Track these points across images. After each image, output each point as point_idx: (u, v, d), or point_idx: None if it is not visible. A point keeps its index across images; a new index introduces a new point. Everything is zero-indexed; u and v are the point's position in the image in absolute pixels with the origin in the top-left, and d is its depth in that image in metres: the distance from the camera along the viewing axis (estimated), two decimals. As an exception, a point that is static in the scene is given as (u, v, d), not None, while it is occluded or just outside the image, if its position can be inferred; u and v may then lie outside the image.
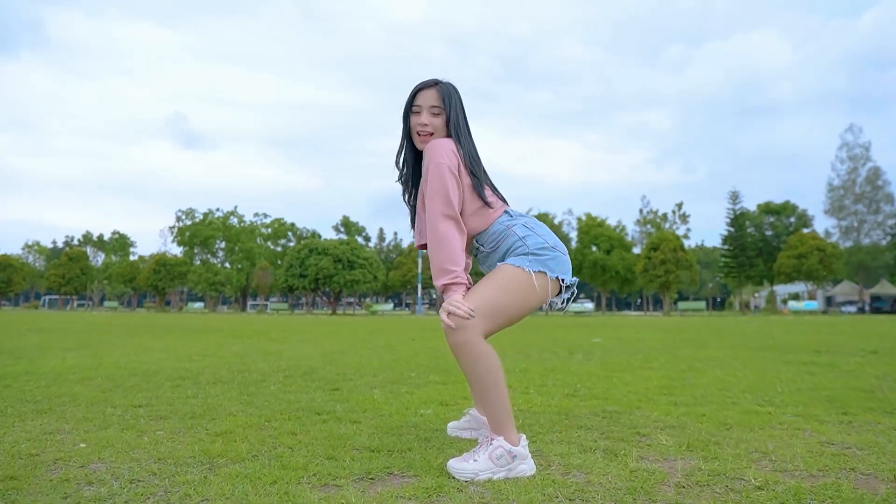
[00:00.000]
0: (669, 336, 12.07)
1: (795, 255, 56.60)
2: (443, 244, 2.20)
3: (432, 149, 2.29)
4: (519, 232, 2.32)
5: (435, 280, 2.21)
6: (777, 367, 5.81)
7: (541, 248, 2.29)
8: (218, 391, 4.07)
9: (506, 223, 2.35)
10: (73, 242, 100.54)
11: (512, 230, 2.33)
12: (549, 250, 2.29)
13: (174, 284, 72.26)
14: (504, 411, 2.16)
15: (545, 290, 2.27)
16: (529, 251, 2.28)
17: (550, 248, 2.30)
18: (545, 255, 2.28)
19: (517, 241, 2.30)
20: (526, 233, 2.32)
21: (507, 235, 2.33)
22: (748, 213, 65.71)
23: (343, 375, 5.07)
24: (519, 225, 2.35)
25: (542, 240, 2.31)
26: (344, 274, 58.34)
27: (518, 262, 2.27)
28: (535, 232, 2.33)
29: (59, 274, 75.96)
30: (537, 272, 2.26)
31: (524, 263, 2.26)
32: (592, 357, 7.10)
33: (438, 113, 2.39)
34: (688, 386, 4.38)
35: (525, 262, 2.26)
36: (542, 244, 2.30)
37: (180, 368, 5.47)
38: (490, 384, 2.16)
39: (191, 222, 78.94)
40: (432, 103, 2.39)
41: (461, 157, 2.32)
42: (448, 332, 2.14)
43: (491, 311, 2.19)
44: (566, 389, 4.20)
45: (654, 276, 56.79)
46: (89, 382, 4.47)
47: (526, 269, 2.25)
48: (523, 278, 2.24)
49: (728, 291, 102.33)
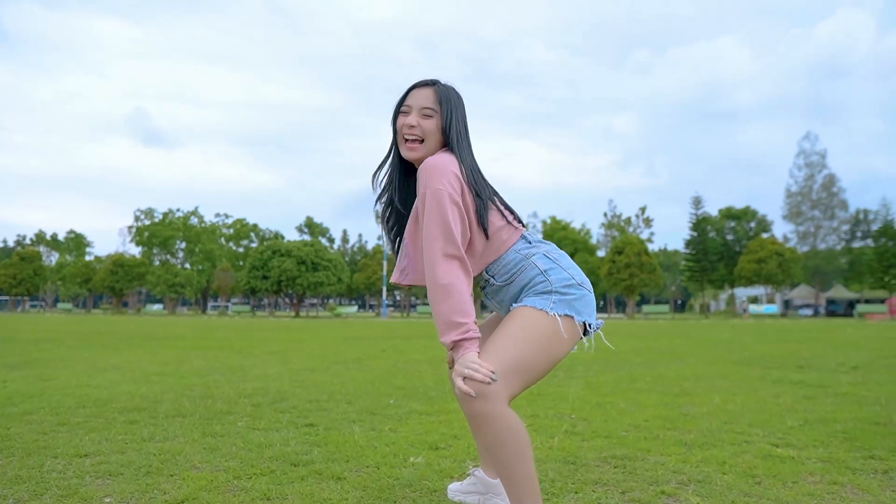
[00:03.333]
0: (643, 346, 11.90)
1: (755, 260, 57.68)
2: (448, 291, 1.80)
3: (428, 171, 1.88)
4: (540, 264, 1.94)
5: (442, 336, 1.81)
6: (769, 388, 5.60)
7: (566, 285, 1.91)
8: (178, 430, 3.64)
9: (523, 251, 1.97)
10: (25, 241, 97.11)
11: (531, 261, 1.95)
12: (576, 288, 1.91)
13: (132, 286, 70.29)
14: (531, 495, 1.78)
15: (573, 337, 1.90)
16: (553, 289, 1.89)
17: (577, 285, 1.92)
18: (571, 294, 1.90)
19: (538, 276, 1.92)
20: (548, 265, 1.94)
21: (525, 267, 1.95)
22: (710, 218, 66.76)
23: (316, 403, 4.66)
24: (539, 255, 1.96)
25: (568, 275, 1.93)
26: (308, 276, 57.46)
27: (541, 304, 1.87)
28: (559, 265, 1.95)
29: (9, 274, 73.16)
30: (563, 316, 1.87)
31: (547, 306, 1.86)
32: (575, 374, 6.81)
33: (431, 115, 1.99)
34: (689, 417, 4.09)
35: (548, 303, 1.87)
36: (568, 280, 1.92)
37: (136, 395, 4.99)
38: (516, 463, 1.77)
39: (150, 222, 76.94)
40: (424, 104, 2.00)
41: (464, 175, 1.91)
42: (464, 401, 1.75)
43: (515, 370, 1.79)
44: (563, 424, 3.87)
45: (619, 279, 57.25)
46: (30, 419, 3.98)
47: (550, 313, 1.86)
48: (549, 325, 1.85)
49: (689, 294, 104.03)
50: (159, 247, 75.81)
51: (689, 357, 9.21)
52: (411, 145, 1.99)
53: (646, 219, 74.31)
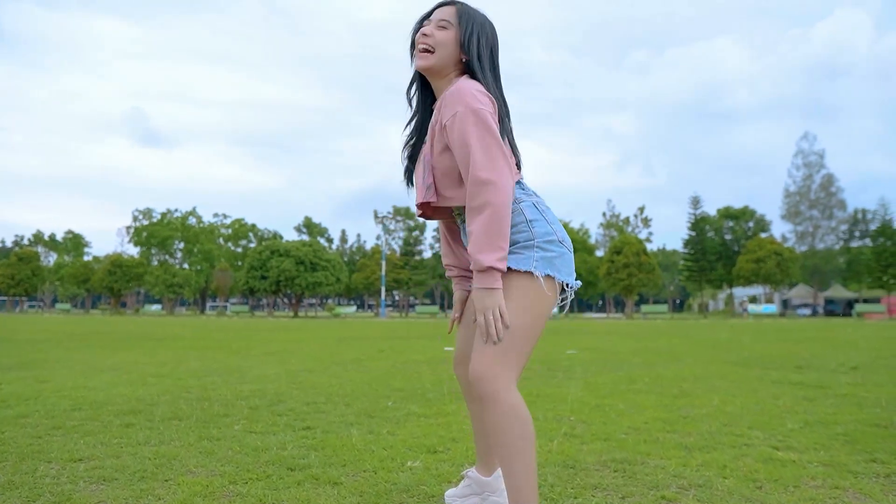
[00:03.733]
0: (642, 346, 11.88)
1: (754, 259, 57.72)
2: (506, 210, 1.74)
3: (460, 91, 1.81)
4: (527, 212, 1.86)
5: (479, 253, 1.73)
6: (769, 389, 5.58)
7: (548, 241, 1.84)
8: (174, 433, 3.61)
9: (515, 195, 1.89)
10: (23, 242, 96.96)
11: (519, 206, 1.87)
12: (557, 245, 1.85)
13: (130, 286, 70.18)
14: (531, 487, 1.76)
15: (554, 296, 1.84)
16: (536, 243, 1.83)
17: (558, 241, 1.86)
18: (552, 251, 1.84)
19: (522, 224, 1.84)
20: (534, 216, 1.87)
21: (511, 212, 1.85)
22: (709, 218, 66.80)
23: (314, 406, 4.63)
24: (529, 203, 1.89)
25: (551, 229, 1.87)
26: (306, 276, 57.43)
27: (524, 264, 1.79)
28: (545, 218, 1.88)
29: (7, 275, 73.06)
30: (546, 276, 1.81)
31: (530, 265, 1.79)
32: (573, 375, 6.79)
33: (446, 27, 1.91)
34: (689, 420, 4.07)
35: (531, 261, 1.80)
36: (550, 235, 1.85)
37: (132, 398, 4.96)
38: (518, 450, 1.75)
39: (148, 222, 76.85)
40: (442, 17, 1.93)
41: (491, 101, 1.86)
42: (478, 380, 1.74)
43: (514, 345, 1.77)
44: (562, 426, 3.84)
45: (617, 279, 57.24)
46: (25, 422, 3.95)
47: (535, 272, 1.79)
48: (534, 287, 1.79)
49: (688, 294, 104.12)
50: (157, 247, 75.73)
51: (687, 357, 9.19)
52: (421, 55, 1.92)
53: (644, 219, 74.37)
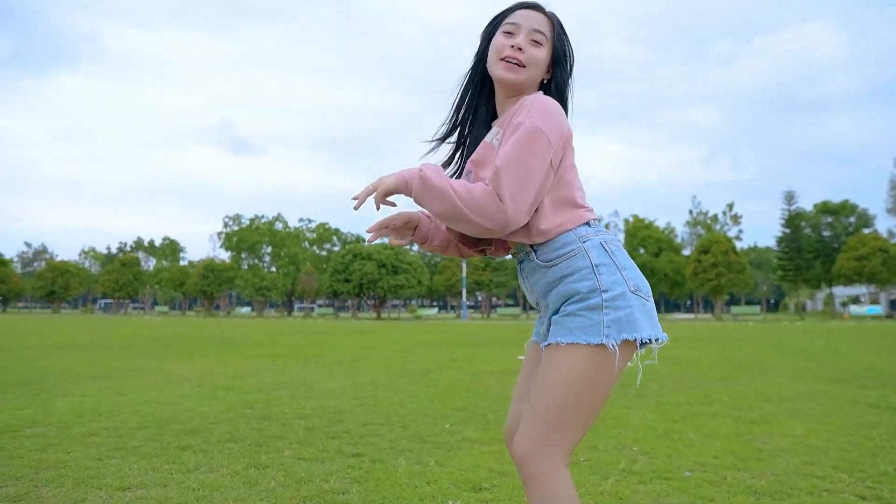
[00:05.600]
0: (726, 356, 11.26)
1: (856, 257, 54.09)
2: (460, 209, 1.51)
3: (541, 106, 1.56)
4: (593, 255, 1.56)
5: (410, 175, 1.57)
6: (863, 415, 5.09)
7: (618, 294, 1.52)
8: (224, 459, 3.62)
9: (581, 233, 1.60)
10: (126, 248, 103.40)
11: (584, 246, 1.57)
12: (631, 297, 1.53)
13: (222, 289, 73.43)
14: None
15: (629, 357, 1.56)
16: (603, 301, 1.51)
17: (631, 292, 1.54)
18: (625, 306, 1.52)
19: (586, 271, 1.55)
20: (601, 259, 1.56)
21: (574, 253, 1.57)
22: (804, 214, 63.20)
23: (370, 427, 4.58)
24: (595, 243, 1.58)
25: (621, 277, 1.54)
26: (388, 279, 58.28)
27: (594, 337, 1.49)
28: (614, 261, 1.57)
29: (112, 279, 78.16)
30: (623, 343, 1.50)
31: (601, 334, 1.49)
32: (647, 392, 6.46)
33: (541, 43, 1.66)
34: (764, 455, 3.73)
35: (601, 329, 1.49)
36: (620, 285, 1.53)
37: (197, 415, 5.06)
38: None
39: (238, 227, 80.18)
40: (536, 27, 1.66)
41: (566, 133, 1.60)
42: (522, 459, 1.54)
43: (579, 421, 1.52)
44: (622, 459, 3.61)
45: (705, 279, 55.00)
46: (91, 441, 4.08)
47: (609, 346, 1.48)
48: (605, 361, 1.50)
49: (783, 293, 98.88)
50: (247, 251, 78.94)
51: (774, 371, 8.61)
52: (511, 66, 1.65)
53: (734, 216, 71.18)
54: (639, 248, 70.00)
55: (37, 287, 77.54)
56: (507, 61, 1.65)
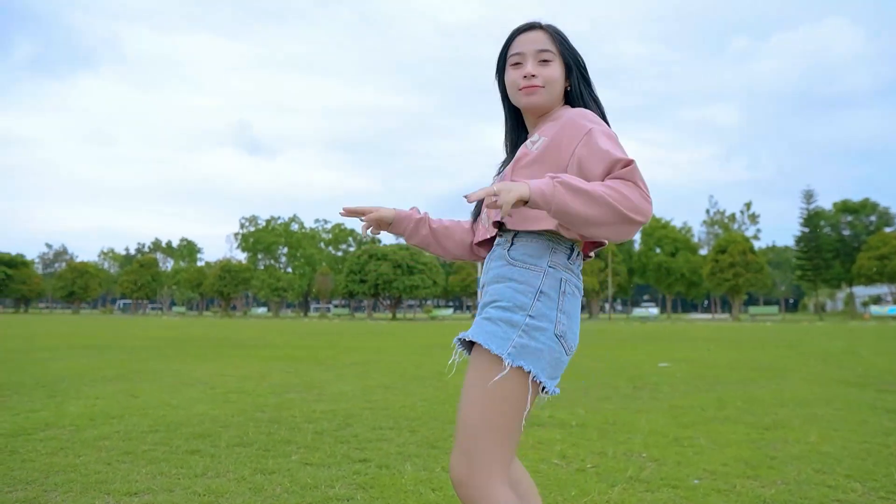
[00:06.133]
0: (742, 358, 11.14)
1: (877, 256, 53.38)
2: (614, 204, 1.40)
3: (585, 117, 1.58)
4: (547, 283, 1.53)
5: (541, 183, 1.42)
6: (880, 420, 5.00)
7: (541, 328, 1.50)
8: (232, 464, 3.63)
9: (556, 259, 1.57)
10: (144, 249, 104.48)
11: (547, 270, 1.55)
12: (552, 339, 1.52)
13: (238, 290, 74.00)
14: None
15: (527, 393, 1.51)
16: (524, 324, 1.50)
17: (556, 336, 1.52)
18: (541, 343, 1.50)
19: (528, 290, 1.53)
20: (550, 291, 1.53)
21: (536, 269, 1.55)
22: (823, 213, 62.43)
23: (379, 432, 4.57)
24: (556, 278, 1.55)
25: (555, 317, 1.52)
26: (403, 279, 58.41)
27: (496, 345, 1.49)
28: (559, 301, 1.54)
29: (131, 280, 79.04)
30: (518, 369, 1.48)
31: (504, 349, 1.48)
32: (660, 395, 6.41)
33: (550, 59, 1.66)
34: (776, 462, 3.68)
35: (506, 345, 1.49)
36: (549, 324, 1.51)
37: (207, 418, 5.08)
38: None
39: (254, 229, 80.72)
40: (539, 47, 1.66)
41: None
42: (459, 481, 1.49)
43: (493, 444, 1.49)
44: (630, 466, 3.57)
45: (723, 279, 54.53)
46: (102, 444, 4.11)
47: (506, 361, 1.48)
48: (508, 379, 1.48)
49: (802, 293, 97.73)
50: (263, 252, 79.43)
51: (791, 374, 8.50)
52: (531, 90, 1.65)
53: (751, 215, 70.45)
54: (655, 248, 69.50)
55: (57, 288, 78.62)
56: (528, 91, 1.66)
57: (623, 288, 71.17)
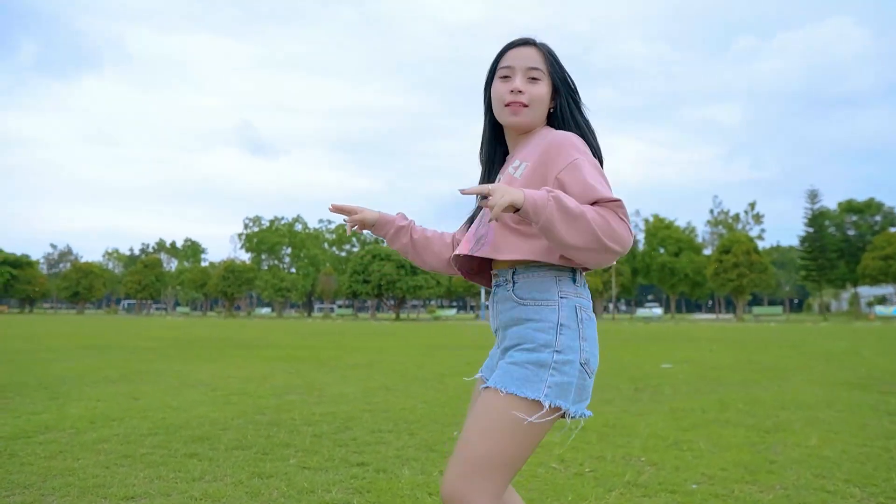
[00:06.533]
0: (745, 359, 11.11)
1: (882, 257, 53.14)
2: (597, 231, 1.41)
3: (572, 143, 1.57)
4: (563, 314, 1.53)
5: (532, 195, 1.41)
6: (882, 423, 4.98)
7: (568, 361, 1.50)
8: (230, 468, 3.63)
9: (564, 287, 1.57)
10: (148, 249, 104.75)
11: (559, 301, 1.55)
12: (580, 370, 1.52)
13: (242, 290, 74.05)
14: None
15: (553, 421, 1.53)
16: (553, 361, 1.49)
17: (582, 364, 1.52)
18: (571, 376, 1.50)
19: (548, 326, 1.52)
20: (569, 321, 1.53)
21: (548, 303, 1.55)
22: (828, 213, 62.15)
23: (378, 435, 4.57)
24: (571, 304, 1.55)
25: (579, 346, 1.52)
26: (407, 279, 58.38)
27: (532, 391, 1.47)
28: (580, 328, 1.54)
29: (135, 280, 79.22)
30: (556, 408, 1.49)
31: (540, 392, 1.47)
32: (661, 397, 6.39)
33: (539, 78, 1.66)
34: (775, 466, 3.66)
35: (542, 387, 1.48)
36: (573, 356, 1.51)
37: (207, 421, 5.09)
38: None
39: (258, 229, 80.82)
40: (530, 64, 1.66)
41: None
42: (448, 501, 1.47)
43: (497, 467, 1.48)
44: (628, 471, 3.56)
45: (727, 279, 54.37)
46: (101, 448, 4.11)
47: (546, 405, 1.47)
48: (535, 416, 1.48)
49: (806, 293, 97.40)
50: (267, 252, 79.52)
51: (793, 375, 8.47)
52: (515, 108, 1.65)
53: (755, 215, 70.25)
54: (659, 248, 69.34)
55: (62, 288, 78.84)
56: (511, 106, 1.66)
57: (627, 288, 71.03)
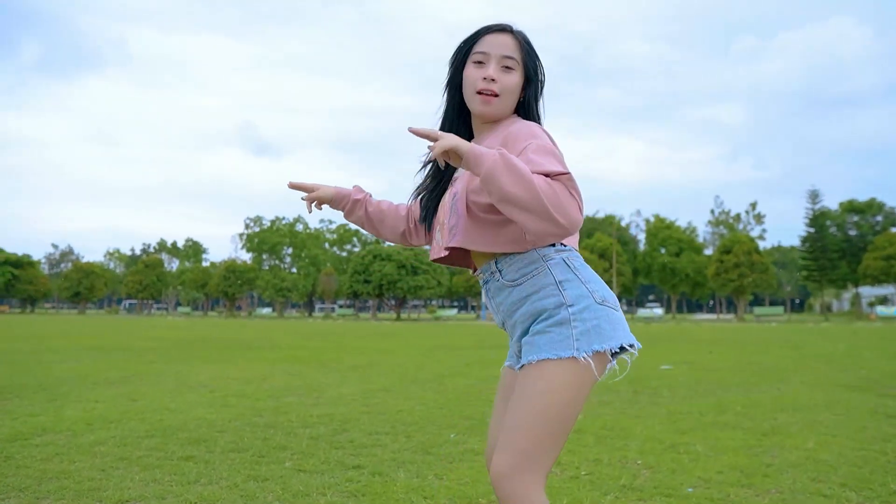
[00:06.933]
0: (745, 360, 11.09)
1: (883, 257, 53.09)
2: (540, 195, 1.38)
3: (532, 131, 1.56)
4: (556, 272, 1.56)
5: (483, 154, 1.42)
6: (880, 426, 4.97)
7: (584, 307, 1.52)
8: (225, 471, 3.63)
9: (543, 252, 1.58)
10: (149, 249, 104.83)
11: (546, 265, 1.57)
12: (597, 308, 1.54)
13: (243, 290, 74.06)
14: None
15: (604, 367, 1.56)
16: (571, 316, 1.51)
17: (598, 304, 1.55)
18: (592, 318, 1.52)
19: (550, 288, 1.54)
20: (565, 275, 1.56)
21: (538, 271, 1.57)
22: (829, 213, 62.07)
23: (374, 437, 4.57)
24: (558, 260, 1.58)
25: (587, 290, 1.55)
26: (408, 280, 58.40)
27: (564, 351, 1.49)
28: (578, 276, 1.57)
29: (136, 280, 79.28)
30: (595, 354, 1.50)
31: (572, 348, 1.49)
32: (659, 400, 6.38)
33: (513, 68, 1.64)
34: (771, 470, 3.66)
35: (571, 343, 1.49)
36: (586, 298, 1.54)
37: (205, 423, 5.09)
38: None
39: (259, 229, 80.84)
40: (506, 52, 1.64)
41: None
42: (500, 479, 1.49)
43: (555, 439, 1.50)
44: (624, 474, 3.56)
45: (728, 279, 54.32)
46: (97, 450, 4.11)
47: (580, 358, 1.48)
48: (580, 375, 1.49)
49: (808, 293, 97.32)
50: (268, 252, 79.52)
51: (793, 377, 8.46)
52: (487, 98, 1.64)
53: (757, 215, 70.22)
54: (659, 248, 69.31)
55: (63, 288, 78.90)
56: (482, 93, 1.65)
57: (628, 288, 70.97)
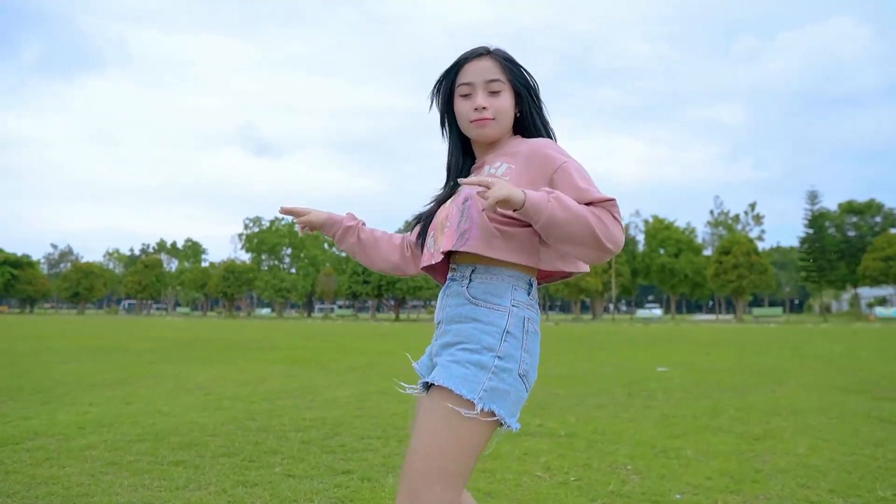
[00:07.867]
0: (742, 362, 11.09)
1: (882, 258, 53.10)
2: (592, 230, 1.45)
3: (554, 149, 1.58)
4: (511, 322, 1.53)
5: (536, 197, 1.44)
6: (873, 431, 4.96)
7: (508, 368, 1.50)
8: (214, 476, 3.63)
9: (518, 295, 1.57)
10: (148, 250, 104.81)
11: (511, 309, 1.54)
12: (517, 379, 1.52)
13: (242, 291, 74.08)
14: None
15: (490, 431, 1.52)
16: (494, 365, 1.49)
17: (520, 374, 1.53)
18: (507, 384, 1.50)
19: (493, 330, 1.52)
20: (515, 331, 1.53)
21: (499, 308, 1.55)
22: (828, 213, 62.09)
23: (366, 442, 4.57)
24: (521, 315, 1.55)
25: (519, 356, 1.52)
26: (407, 280, 58.40)
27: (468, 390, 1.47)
28: (524, 341, 1.54)
29: (135, 280, 79.26)
30: (490, 412, 1.48)
31: (476, 392, 1.47)
32: (653, 402, 6.38)
33: (500, 90, 1.63)
34: (761, 476, 3.66)
35: (477, 388, 1.47)
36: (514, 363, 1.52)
37: (197, 427, 5.08)
38: None
39: (258, 229, 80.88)
40: (489, 77, 1.63)
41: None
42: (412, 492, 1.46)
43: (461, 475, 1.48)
44: (612, 480, 3.55)
45: (726, 280, 54.34)
46: (88, 455, 4.11)
47: (478, 405, 1.46)
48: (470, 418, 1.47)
49: (807, 294, 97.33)
50: (267, 253, 79.56)
51: (789, 379, 8.45)
52: (482, 122, 1.63)
53: (756, 216, 70.24)
54: (658, 249, 69.33)
55: (62, 288, 78.88)
56: (476, 122, 1.65)
57: (627, 289, 70.97)
